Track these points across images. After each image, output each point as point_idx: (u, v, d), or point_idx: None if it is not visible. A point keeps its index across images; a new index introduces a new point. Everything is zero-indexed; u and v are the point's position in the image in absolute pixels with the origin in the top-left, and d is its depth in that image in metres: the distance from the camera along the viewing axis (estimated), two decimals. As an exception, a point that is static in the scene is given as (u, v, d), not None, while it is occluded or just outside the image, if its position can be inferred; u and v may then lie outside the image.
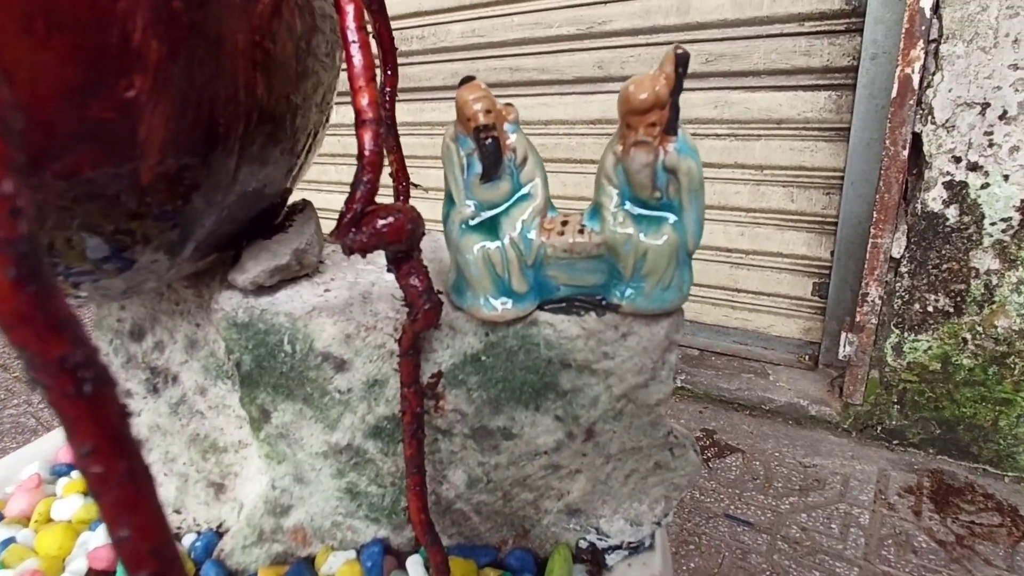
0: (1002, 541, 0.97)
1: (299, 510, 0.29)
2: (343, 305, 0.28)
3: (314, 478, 0.29)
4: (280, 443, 0.28)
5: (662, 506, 0.26)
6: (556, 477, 0.27)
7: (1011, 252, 0.99)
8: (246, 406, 0.28)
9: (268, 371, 0.28)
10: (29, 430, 1.52)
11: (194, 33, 0.23)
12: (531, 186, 0.25)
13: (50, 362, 0.12)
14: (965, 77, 0.95)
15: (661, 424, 0.26)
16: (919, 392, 1.14)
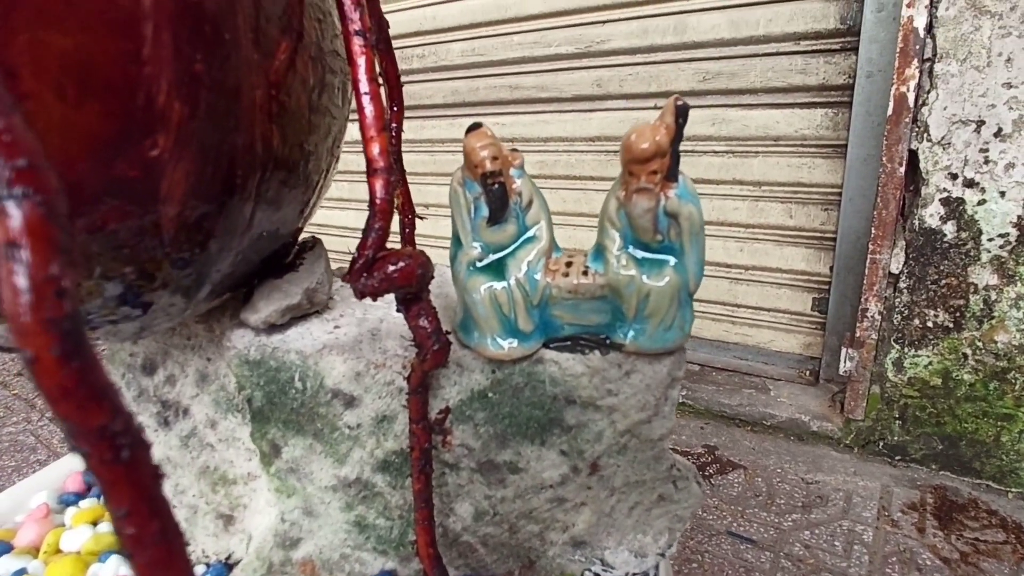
0: (1007, 558, 0.96)
1: (308, 543, 0.29)
2: (353, 343, 0.29)
3: (323, 511, 0.29)
4: (290, 477, 0.29)
5: (666, 537, 0.26)
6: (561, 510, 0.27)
7: (1009, 268, 1.00)
8: (257, 441, 0.28)
9: (279, 407, 0.28)
10: (28, 448, 1.51)
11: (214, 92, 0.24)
12: (536, 228, 0.26)
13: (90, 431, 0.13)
14: (960, 95, 0.96)
15: (664, 458, 0.26)
16: (920, 408, 1.14)
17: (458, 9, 1.61)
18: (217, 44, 0.23)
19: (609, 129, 1.46)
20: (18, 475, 1.40)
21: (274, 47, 0.26)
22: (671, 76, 1.34)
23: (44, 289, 0.12)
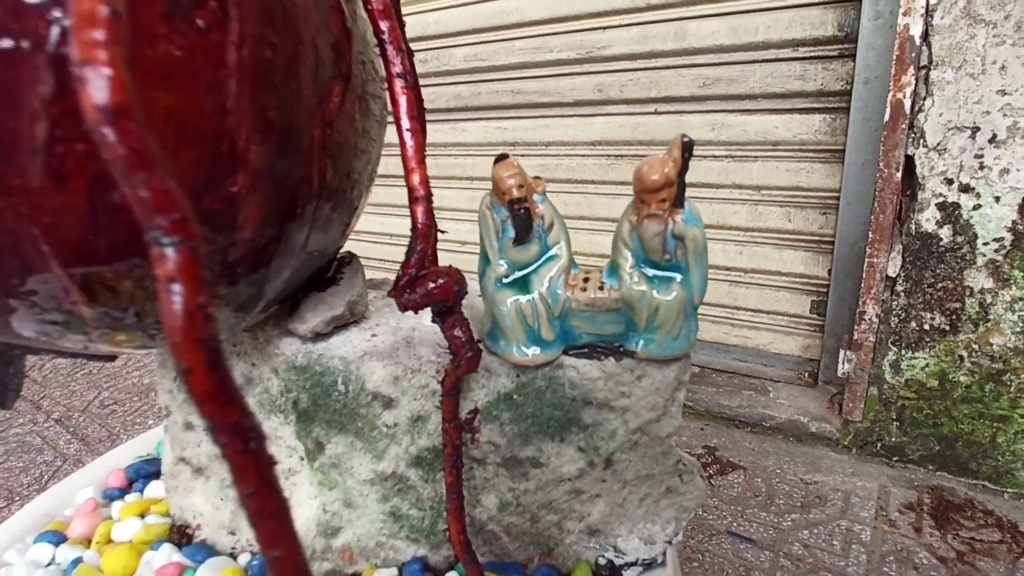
0: (1002, 557, 0.98)
1: (347, 532, 0.31)
2: (390, 349, 0.31)
3: (361, 503, 0.31)
4: (332, 472, 0.31)
5: (673, 526, 0.29)
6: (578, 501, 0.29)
7: (1004, 271, 1.01)
8: (302, 439, 0.30)
9: (323, 408, 0.30)
10: (35, 449, 1.52)
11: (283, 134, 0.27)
12: (557, 248, 0.28)
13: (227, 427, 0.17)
14: (955, 102, 0.98)
15: (671, 454, 0.28)
16: (917, 409, 1.16)
17: (461, 15, 1.63)
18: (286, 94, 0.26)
19: (610, 133, 1.48)
20: (25, 475, 1.42)
21: (328, 91, 0.29)
22: (671, 82, 1.36)
23: (195, 315, 0.16)
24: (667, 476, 0.29)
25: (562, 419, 0.29)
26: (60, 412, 1.71)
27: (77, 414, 1.69)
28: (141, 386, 1.83)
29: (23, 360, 0.36)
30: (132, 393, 1.79)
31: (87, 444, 1.53)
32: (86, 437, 1.57)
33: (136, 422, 1.62)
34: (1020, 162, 0.96)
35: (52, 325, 0.25)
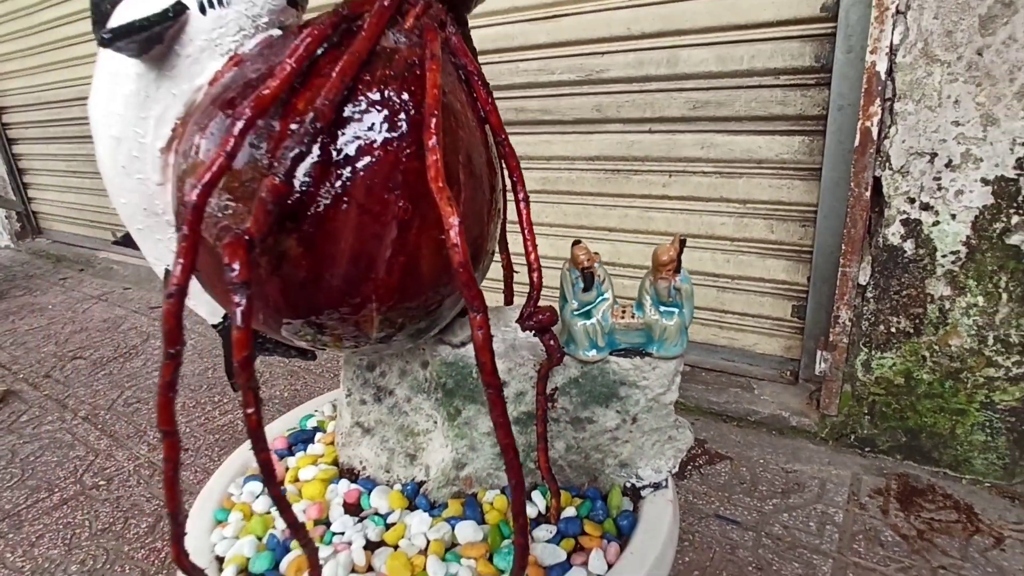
0: (957, 535, 1.10)
1: (470, 466, 0.43)
2: (505, 351, 0.43)
3: (480, 448, 0.43)
4: (464, 428, 0.42)
5: (672, 461, 0.41)
6: (615, 445, 0.42)
7: (960, 280, 1.14)
8: (445, 407, 0.42)
9: (462, 388, 0.42)
10: (67, 445, 1.62)
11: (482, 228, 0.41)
12: (607, 294, 0.41)
13: (495, 384, 0.32)
14: (916, 131, 1.10)
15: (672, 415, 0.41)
16: (886, 404, 1.28)
17: (467, 37, 1.73)
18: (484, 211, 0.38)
19: (607, 150, 1.59)
20: (61, 469, 1.51)
21: (490, 214, 0.42)
22: (664, 104, 1.48)
23: (486, 342, 0.33)
24: (669, 429, 0.41)
25: (607, 393, 0.41)
26: (86, 410, 1.80)
27: (103, 412, 1.79)
28: (161, 386, 1.93)
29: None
30: (154, 392, 1.88)
31: (116, 440, 1.63)
32: (115, 433, 1.66)
33: (161, 419, 1.72)
34: (972, 184, 1.08)
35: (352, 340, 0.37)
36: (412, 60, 0.30)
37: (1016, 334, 1.12)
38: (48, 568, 1.19)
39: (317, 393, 1.79)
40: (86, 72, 3.02)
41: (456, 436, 0.43)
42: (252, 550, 0.38)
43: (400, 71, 0.29)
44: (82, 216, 3.63)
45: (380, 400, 0.45)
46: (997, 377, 1.16)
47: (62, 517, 1.34)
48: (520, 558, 0.33)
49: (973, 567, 1.03)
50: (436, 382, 0.43)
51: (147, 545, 1.23)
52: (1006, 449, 1.19)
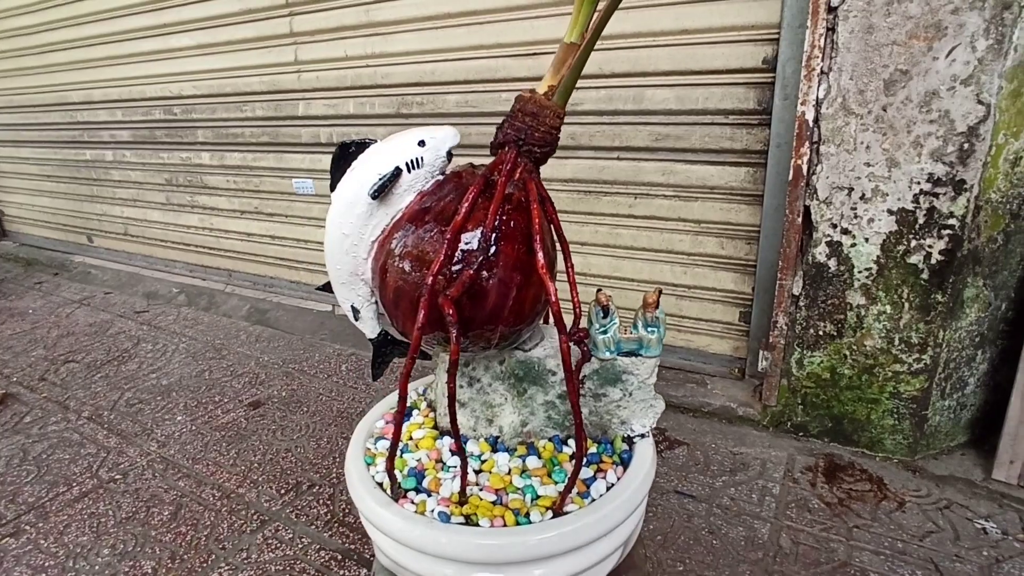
0: (869, 501, 1.34)
1: (530, 425, 0.61)
2: (555, 352, 0.61)
3: (538, 413, 0.61)
4: (528, 401, 0.60)
5: (652, 420, 0.61)
6: (618, 410, 0.61)
7: (873, 292, 1.38)
8: (516, 388, 0.60)
9: (528, 376, 0.60)
10: (76, 443, 1.72)
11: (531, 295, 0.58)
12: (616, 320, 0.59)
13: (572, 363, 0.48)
14: (836, 169, 1.34)
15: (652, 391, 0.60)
16: (816, 395, 1.52)
17: (454, 68, 1.91)
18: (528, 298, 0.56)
19: (580, 174, 1.79)
20: (75, 465, 1.62)
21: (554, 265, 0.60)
22: (631, 135, 1.69)
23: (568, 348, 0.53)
24: (651, 400, 0.61)
25: (615, 378, 0.60)
26: (89, 411, 1.90)
27: (106, 412, 1.88)
28: (160, 387, 2.03)
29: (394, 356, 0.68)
30: (154, 394, 1.99)
31: (125, 438, 1.74)
32: (123, 432, 1.77)
33: (165, 418, 1.83)
34: (881, 214, 1.32)
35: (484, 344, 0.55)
36: (521, 199, 0.49)
37: (916, 336, 1.37)
38: (81, 552, 1.31)
39: (313, 391, 1.93)
40: (67, 79, 3.05)
41: (523, 406, 0.62)
42: (400, 477, 0.57)
43: (516, 206, 0.48)
44: (55, 220, 3.63)
45: (471, 385, 0.63)
46: (902, 372, 1.41)
47: (85, 508, 1.45)
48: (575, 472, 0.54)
49: (880, 525, 1.27)
50: (510, 372, 0.61)
51: (172, 530, 1.36)
52: (910, 431, 1.44)
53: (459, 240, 0.49)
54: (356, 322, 0.62)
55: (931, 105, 1.22)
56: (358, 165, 0.55)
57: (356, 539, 1.29)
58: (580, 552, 0.51)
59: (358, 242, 0.56)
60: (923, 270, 1.32)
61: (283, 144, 2.41)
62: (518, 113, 0.53)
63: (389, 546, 0.54)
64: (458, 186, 0.54)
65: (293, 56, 2.23)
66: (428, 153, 0.53)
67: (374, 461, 0.61)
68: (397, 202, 0.54)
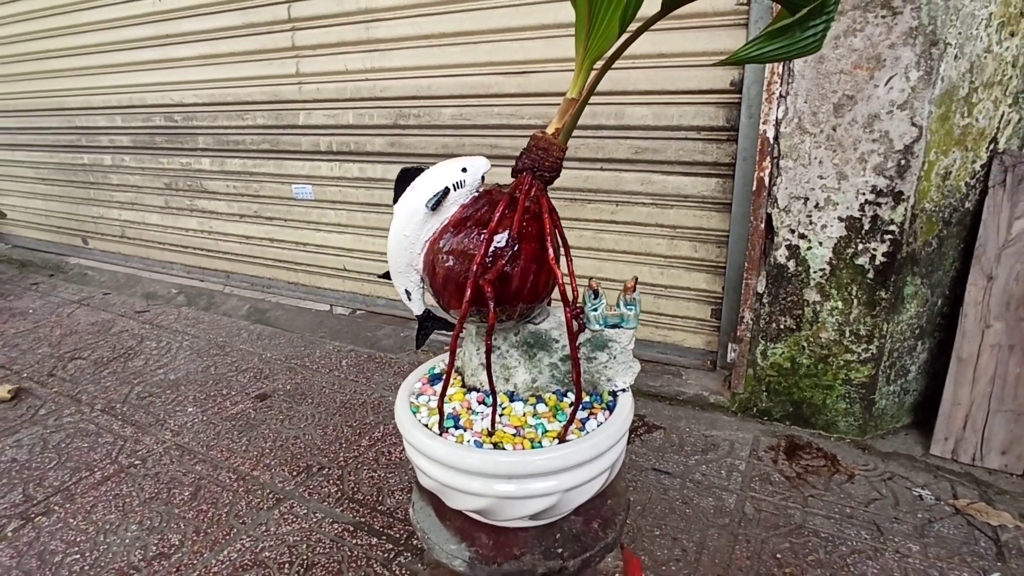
0: (823, 475, 1.51)
1: (538, 382, 0.76)
2: (558, 325, 0.75)
3: (545, 373, 0.76)
4: (536, 363, 0.75)
5: (631, 378, 0.75)
6: (606, 369, 0.75)
7: (827, 290, 1.56)
8: (527, 352, 0.75)
9: (538, 344, 0.75)
10: (93, 433, 1.82)
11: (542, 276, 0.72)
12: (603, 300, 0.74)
13: None
14: (794, 181, 1.51)
15: (631, 356, 0.75)
16: (778, 383, 1.69)
17: (449, 83, 2.06)
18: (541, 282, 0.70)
19: (567, 183, 1.95)
20: (94, 452, 1.72)
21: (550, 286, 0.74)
22: (613, 148, 1.85)
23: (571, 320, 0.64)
24: (630, 363, 0.75)
25: (602, 344, 0.74)
26: (102, 404, 2.00)
27: (119, 405, 1.99)
28: (168, 381, 2.14)
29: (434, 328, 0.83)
30: (163, 388, 2.10)
31: (140, 428, 1.85)
32: (137, 422, 1.88)
33: (177, 409, 1.94)
34: (832, 221, 1.50)
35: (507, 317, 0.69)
36: (536, 210, 0.64)
37: (864, 328, 1.55)
38: (110, 529, 1.42)
39: (316, 385, 2.05)
40: (66, 85, 3.13)
41: (532, 367, 0.76)
42: None
43: (533, 215, 0.64)
44: (50, 222, 3.69)
45: (493, 351, 0.78)
46: (852, 360, 1.59)
47: (109, 490, 1.56)
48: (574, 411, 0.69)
49: (831, 495, 1.44)
50: (523, 341, 0.76)
51: (194, 508, 1.48)
52: (860, 413, 1.62)
53: (492, 240, 0.64)
54: (407, 303, 0.78)
55: (873, 126, 1.40)
56: (417, 184, 0.71)
57: (365, 513, 1.43)
58: (579, 469, 0.67)
59: (415, 242, 0.71)
60: (869, 270, 1.50)
61: (283, 151, 2.53)
62: (533, 148, 0.69)
63: (434, 469, 0.69)
64: (490, 201, 0.70)
65: (295, 68, 2.36)
66: (468, 176, 0.70)
67: (418, 410, 0.75)
68: (445, 212, 0.70)
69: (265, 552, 1.32)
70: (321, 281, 2.69)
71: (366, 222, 2.43)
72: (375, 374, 2.13)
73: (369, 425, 1.80)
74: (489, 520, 0.72)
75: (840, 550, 1.27)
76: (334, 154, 2.41)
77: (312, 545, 1.34)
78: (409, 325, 2.40)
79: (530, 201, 0.68)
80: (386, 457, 1.64)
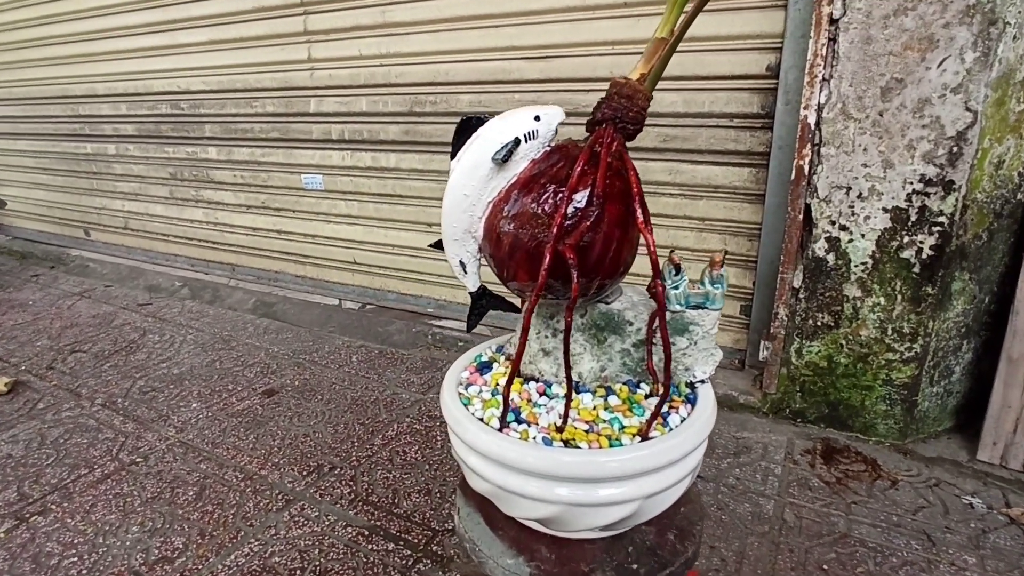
0: (865, 480, 1.43)
1: (607, 370, 0.67)
2: (631, 306, 0.67)
3: (615, 359, 0.67)
4: (606, 348, 0.67)
5: (711, 367, 0.67)
6: (684, 358, 0.67)
7: (868, 285, 1.48)
8: (595, 336, 0.66)
9: (609, 326, 0.66)
10: (93, 429, 1.74)
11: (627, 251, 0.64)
12: (686, 276, 0.66)
13: None
14: (836, 170, 1.43)
15: (713, 341, 0.67)
16: (813, 383, 1.61)
17: (468, 69, 1.98)
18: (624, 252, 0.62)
19: (590, 172, 1.87)
20: (94, 448, 1.64)
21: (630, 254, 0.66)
22: (640, 136, 1.76)
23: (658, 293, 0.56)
24: (712, 349, 0.67)
25: (683, 328, 0.67)
26: (103, 398, 1.92)
27: (120, 400, 1.91)
28: (172, 376, 2.06)
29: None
30: (166, 382, 2.01)
31: (142, 423, 1.76)
32: (139, 418, 1.79)
33: (180, 405, 1.86)
34: (876, 212, 1.42)
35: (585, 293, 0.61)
36: (619, 167, 0.56)
37: (907, 326, 1.46)
38: (110, 530, 1.34)
39: (325, 380, 1.97)
40: (70, 72, 3.06)
41: (601, 353, 0.68)
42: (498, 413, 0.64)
43: (615, 172, 0.55)
44: (51, 213, 3.62)
45: (555, 335, 0.69)
46: (894, 360, 1.50)
47: (109, 489, 1.48)
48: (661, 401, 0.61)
49: (876, 502, 1.36)
50: (591, 323, 0.68)
51: (198, 508, 1.40)
52: (901, 416, 1.54)
53: (572, 199, 0.55)
54: (462, 276, 0.70)
55: (923, 111, 1.32)
56: (482, 134, 0.62)
57: (381, 516, 1.35)
58: (663, 471, 0.58)
59: (476, 202, 0.63)
60: (915, 264, 1.42)
61: (293, 140, 2.46)
62: (614, 96, 0.61)
63: (491, 470, 0.60)
64: (565, 156, 0.61)
65: (306, 54, 2.28)
66: (542, 127, 0.62)
67: (470, 402, 0.67)
68: (513, 168, 0.62)
69: (275, 557, 1.24)
70: (330, 275, 2.61)
71: (378, 213, 2.35)
72: (387, 370, 2.05)
73: (382, 423, 1.72)
74: (551, 530, 0.63)
75: (891, 561, 1.19)
76: (346, 143, 2.33)
77: (325, 550, 1.25)
78: (421, 320, 2.32)
79: (612, 157, 0.59)
80: (401, 457, 1.56)
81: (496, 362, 0.77)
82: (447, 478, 1.47)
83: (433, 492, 1.42)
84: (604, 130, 0.61)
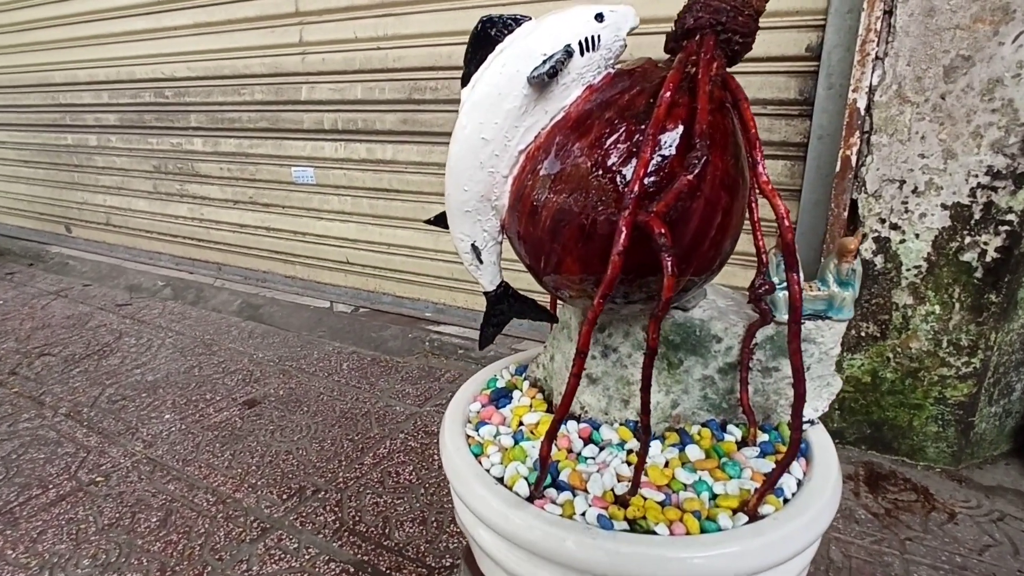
0: (918, 512, 1.26)
1: (681, 406, 0.51)
2: (720, 314, 0.51)
3: (692, 391, 0.51)
4: (683, 375, 0.50)
5: (825, 404, 0.52)
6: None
7: (921, 291, 1.31)
8: (668, 358, 0.50)
9: (686, 343, 0.50)
10: (53, 442, 1.57)
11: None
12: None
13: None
14: (888, 161, 1.27)
15: (832, 366, 0.52)
16: (854, 400, 1.44)
17: (472, 51, 1.82)
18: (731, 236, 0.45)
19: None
20: (51, 466, 1.47)
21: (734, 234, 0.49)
22: (661, 125, 1.61)
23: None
24: (829, 376, 0.52)
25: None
26: (67, 407, 1.75)
27: (86, 409, 1.74)
28: (145, 383, 1.88)
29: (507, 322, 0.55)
30: (138, 390, 1.84)
31: (107, 437, 1.59)
32: (104, 430, 1.62)
33: (152, 416, 1.69)
34: (934, 209, 1.26)
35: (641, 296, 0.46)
36: (721, 97, 0.39)
37: (966, 338, 1.30)
38: (57, 563, 1.17)
39: (313, 390, 1.81)
40: (50, 59, 2.89)
41: (674, 382, 0.52)
42: (526, 471, 0.47)
43: (719, 106, 0.38)
44: (31, 208, 3.44)
45: (606, 356, 0.53)
46: (949, 376, 1.34)
47: (62, 513, 1.31)
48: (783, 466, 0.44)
49: (933, 538, 1.19)
50: (661, 339, 0.52)
51: (162, 538, 1.23)
52: (955, 439, 1.37)
53: (658, 143, 0.38)
54: (474, 268, 0.49)
55: (994, 93, 1.16)
56: (511, 44, 0.42)
57: (369, 549, 1.18)
58: (780, 570, 0.41)
59: (501, 151, 0.42)
60: (976, 268, 1.25)
61: (283, 130, 2.29)
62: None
63: (518, 561, 0.41)
64: (640, 79, 0.43)
65: (298, 37, 2.12)
66: (607, 32, 0.41)
67: (483, 451, 0.49)
68: (560, 97, 0.43)
69: (244, 599, 1.07)
70: (321, 275, 2.44)
71: (372, 210, 2.19)
72: (380, 380, 1.88)
73: (373, 439, 1.55)
74: None
75: (962, 613, 1.02)
76: (339, 133, 2.16)
77: (303, 591, 1.08)
78: (418, 325, 2.14)
79: (712, 82, 0.41)
80: (393, 479, 1.39)
81: (518, 389, 0.59)
82: (444, 504, 1.30)
83: (429, 521, 1.25)
84: (699, 42, 0.42)
